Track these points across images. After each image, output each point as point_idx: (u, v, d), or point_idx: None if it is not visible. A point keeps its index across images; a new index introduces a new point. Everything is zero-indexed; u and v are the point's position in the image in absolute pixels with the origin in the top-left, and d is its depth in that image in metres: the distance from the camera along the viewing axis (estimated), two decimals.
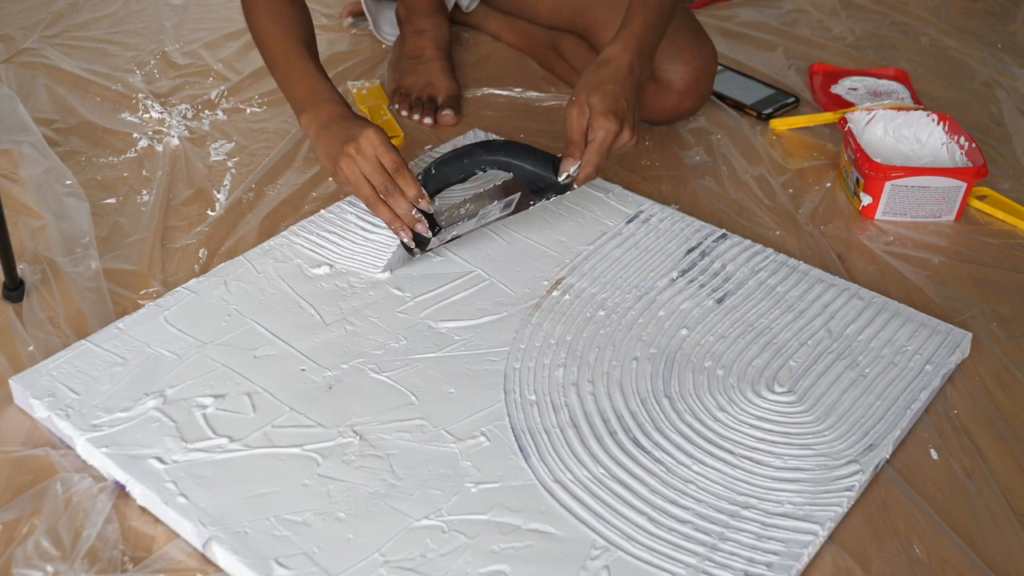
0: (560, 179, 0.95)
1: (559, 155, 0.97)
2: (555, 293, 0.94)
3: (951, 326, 0.92)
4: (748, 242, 1.02)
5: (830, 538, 0.74)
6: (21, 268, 0.97)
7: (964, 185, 1.09)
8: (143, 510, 0.75)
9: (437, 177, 0.98)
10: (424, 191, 0.95)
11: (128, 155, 1.18)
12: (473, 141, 1.06)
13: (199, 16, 1.52)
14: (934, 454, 0.82)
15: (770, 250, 1.01)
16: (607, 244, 1.01)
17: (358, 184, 0.95)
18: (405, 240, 0.96)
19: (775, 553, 0.71)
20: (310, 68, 1.05)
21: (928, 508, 0.77)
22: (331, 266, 0.97)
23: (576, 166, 0.95)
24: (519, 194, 0.97)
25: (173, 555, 0.72)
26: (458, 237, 0.98)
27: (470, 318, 0.91)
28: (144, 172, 1.15)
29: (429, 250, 0.98)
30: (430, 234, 0.95)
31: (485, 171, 0.98)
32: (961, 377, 0.90)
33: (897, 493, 0.79)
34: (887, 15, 1.63)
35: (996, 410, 0.87)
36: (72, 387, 0.81)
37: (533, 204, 0.96)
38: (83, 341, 0.86)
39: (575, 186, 0.95)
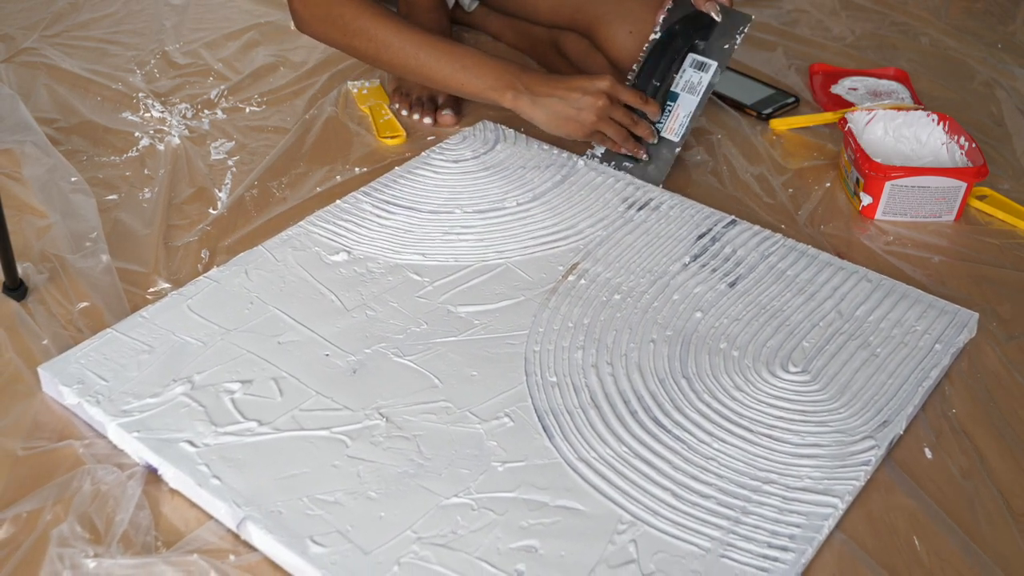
0: (718, 19, 1.15)
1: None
2: (571, 278, 0.96)
3: (958, 307, 0.94)
4: (757, 228, 1.03)
5: (831, 535, 0.75)
6: (25, 267, 0.96)
7: (964, 185, 1.09)
8: (173, 496, 0.75)
9: (652, 83, 1.12)
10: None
11: (129, 154, 1.18)
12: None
13: (199, 16, 1.52)
14: (932, 454, 0.83)
15: (779, 235, 1.03)
16: (619, 231, 1.02)
17: (613, 130, 1.06)
18: (644, 157, 1.10)
19: (797, 526, 0.73)
20: (474, 51, 1.07)
21: (928, 507, 0.78)
22: (349, 252, 0.98)
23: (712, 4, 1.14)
24: (687, 53, 1.15)
25: (206, 537, 0.72)
26: (696, 116, 1.12)
27: (488, 302, 0.92)
28: (145, 171, 1.15)
29: (679, 143, 1.11)
30: (656, 139, 1.11)
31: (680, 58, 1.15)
32: (960, 376, 0.90)
33: (897, 492, 0.79)
34: (887, 15, 1.63)
35: (995, 410, 0.87)
36: (100, 374, 0.82)
37: (729, 46, 1.14)
38: (108, 330, 0.86)
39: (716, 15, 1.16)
